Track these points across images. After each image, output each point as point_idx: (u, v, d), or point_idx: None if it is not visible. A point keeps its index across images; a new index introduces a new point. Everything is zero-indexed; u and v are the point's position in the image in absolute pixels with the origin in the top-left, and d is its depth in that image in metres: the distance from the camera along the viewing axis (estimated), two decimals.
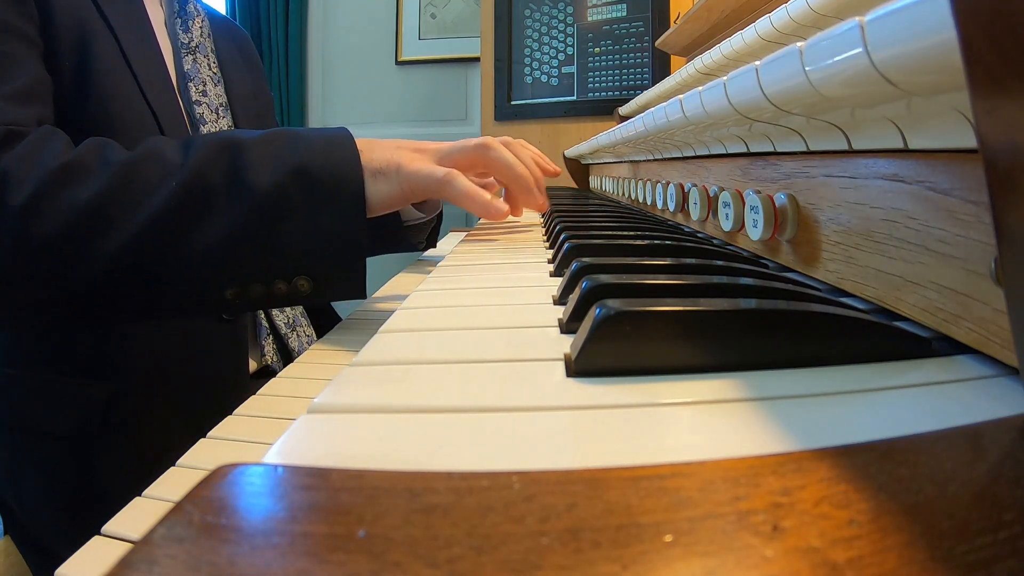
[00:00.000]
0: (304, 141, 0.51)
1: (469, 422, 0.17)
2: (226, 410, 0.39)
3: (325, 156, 0.50)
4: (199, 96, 0.76)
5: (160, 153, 0.50)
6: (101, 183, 0.48)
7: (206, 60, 0.79)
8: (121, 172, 0.48)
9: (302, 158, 0.49)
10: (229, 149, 0.49)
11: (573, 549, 0.11)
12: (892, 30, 0.19)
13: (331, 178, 0.49)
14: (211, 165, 0.49)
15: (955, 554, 0.10)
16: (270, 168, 0.49)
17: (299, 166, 0.49)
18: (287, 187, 0.48)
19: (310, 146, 0.51)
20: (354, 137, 0.53)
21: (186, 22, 0.77)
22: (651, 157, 0.76)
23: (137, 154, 0.50)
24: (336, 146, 0.51)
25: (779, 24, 0.55)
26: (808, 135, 0.34)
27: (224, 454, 0.34)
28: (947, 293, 0.22)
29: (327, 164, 0.50)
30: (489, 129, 1.86)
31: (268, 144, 0.50)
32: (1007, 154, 0.14)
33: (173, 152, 0.50)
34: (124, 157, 0.49)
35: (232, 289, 0.50)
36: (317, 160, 0.50)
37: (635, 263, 0.34)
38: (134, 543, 0.11)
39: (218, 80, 0.80)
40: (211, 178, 0.48)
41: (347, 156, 0.51)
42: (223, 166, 0.49)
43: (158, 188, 0.48)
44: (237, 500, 0.13)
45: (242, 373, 0.73)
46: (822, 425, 0.16)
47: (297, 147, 0.50)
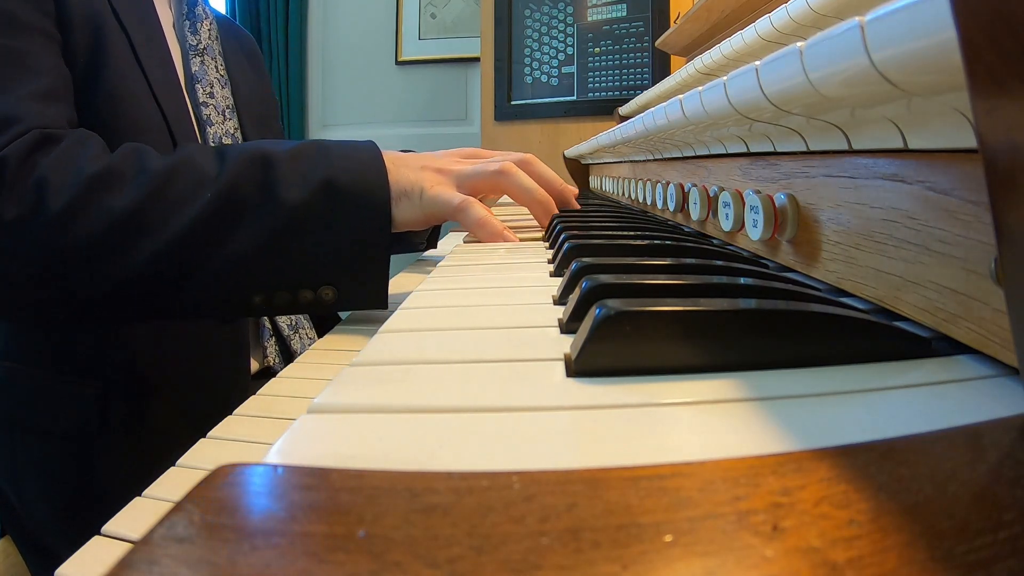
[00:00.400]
0: (333, 156, 0.53)
1: (469, 422, 0.17)
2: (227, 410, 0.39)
3: (353, 171, 0.52)
4: (206, 98, 0.76)
5: (195, 163, 0.51)
6: (137, 191, 0.49)
7: (214, 62, 0.79)
8: (157, 181, 0.50)
9: (331, 173, 0.51)
10: (262, 163, 0.51)
11: (573, 549, 0.11)
12: (892, 30, 0.19)
13: (358, 193, 0.51)
14: (244, 178, 0.50)
15: (955, 554, 0.10)
16: (300, 183, 0.51)
17: (327, 181, 0.51)
18: (316, 201, 0.50)
19: (339, 161, 0.52)
20: (381, 151, 0.55)
21: (195, 24, 0.78)
22: (651, 157, 0.76)
23: (173, 163, 0.51)
24: (364, 161, 0.53)
25: (779, 24, 0.55)
26: (808, 135, 0.34)
27: (224, 454, 0.34)
28: (947, 293, 0.22)
29: (355, 179, 0.52)
30: (489, 129, 1.86)
31: (298, 159, 0.52)
32: (1007, 154, 0.14)
33: (208, 163, 0.51)
34: (160, 165, 0.51)
35: (260, 296, 0.52)
36: (345, 175, 0.51)
37: (635, 263, 0.34)
38: (134, 543, 0.11)
39: (225, 82, 0.81)
40: (244, 191, 0.50)
41: (374, 172, 0.53)
42: (255, 180, 0.50)
43: (193, 198, 0.49)
44: (237, 500, 0.13)
45: (243, 373, 0.73)
46: (822, 425, 0.16)
47: (326, 162, 0.52)
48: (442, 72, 2.50)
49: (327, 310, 0.53)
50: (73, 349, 0.65)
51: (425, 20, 2.50)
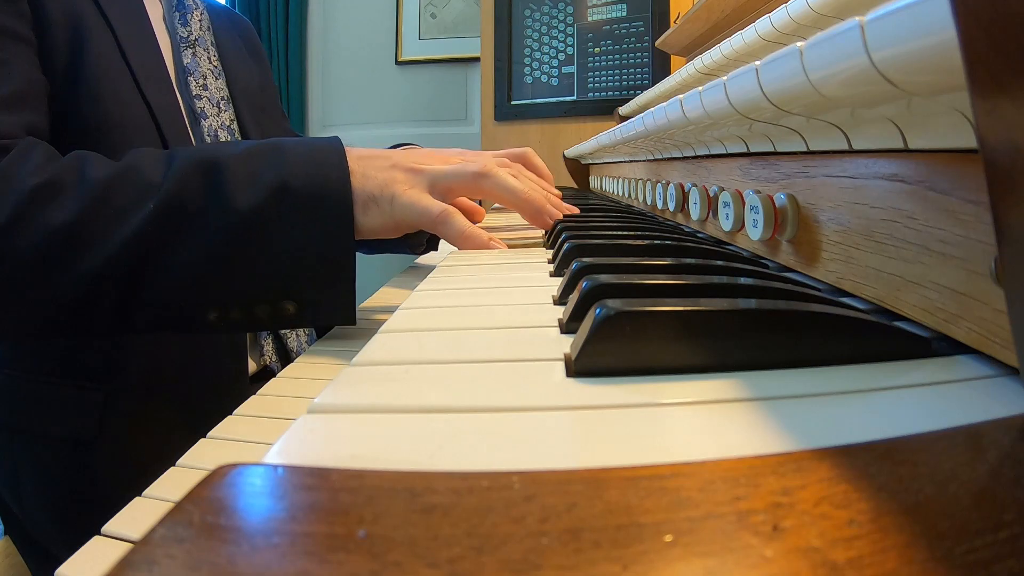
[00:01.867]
0: (288, 156, 0.48)
1: (469, 422, 0.17)
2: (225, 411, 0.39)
3: (310, 173, 0.48)
4: (199, 90, 0.75)
5: (140, 171, 0.48)
6: (77, 204, 0.46)
7: (206, 53, 0.78)
8: (98, 193, 0.47)
9: (284, 175, 0.47)
10: (209, 167, 0.47)
11: (573, 549, 0.11)
12: (892, 30, 0.19)
13: (316, 197, 0.47)
14: (188, 185, 0.47)
15: (955, 554, 0.10)
16: (249, 187, 0.47)
17: (279, 184, 0.46)
18: (268, 207, 0.46)
19: (294, 161, 0.48)
20: (347, 150, 0.50)
21: (184, 15, 0.76)
22: (651, 157, 0.76)
23: (116, 171, 0.48)
24: (322, 161, 0.48)
25: (779, 24, 0.55)
26: (808, 135, 0.34)
27: (224, 454, 0.34)
28: (947, 293, 0.22)
29: (312, 182, 0.47)
30: (489, 129, 1.86)
31: (249, 160, 0.48)
32: (1007, 154, 0.14)
33: (152, 170, 0.48)
34: (102, 175, 0.48)
35: (215, 312, 0.48)
36: (301, 177, 0.47)
37: (635, 263, 0.34)
38: (134, 543, 0.11)
39: (219, 73, 0.79)
40: (188, 199, 0.47)
41: (335, 173, 0.48)
42: (201, 187, 0.47)
43: (134, 210, 0.46)
44: (237, 500, 0.13)
45: (241, 374, 0.72)
46: (822, 425, 0.16)
47: (279, 162, 0.48)
48: (442, 72, 2.50)
49: (290, 326, 0.50)
50: (70, 353, 0.65)
51: (425, 20, 2.50)
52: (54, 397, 0.64)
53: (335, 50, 2.59)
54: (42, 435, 0.64)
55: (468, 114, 2.47)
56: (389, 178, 0.50)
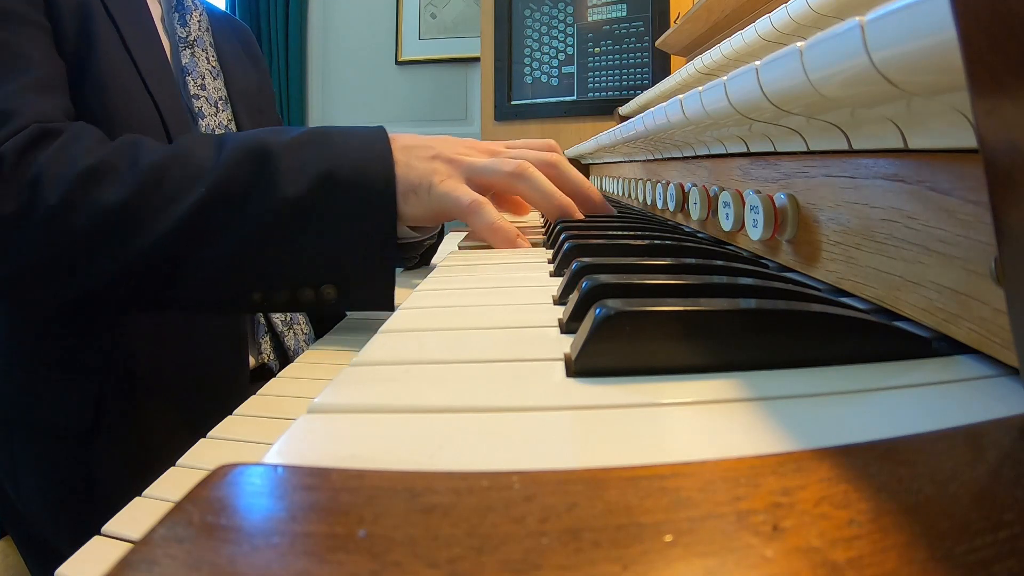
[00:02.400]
0: (336, 146, 0.50)
1: (469, 422, 0.17)
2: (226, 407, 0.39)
3: (356, 163, 0.49)
4: (197, 90, 0.76)
5: (191, 156, 0.50)
6: (130, 186, 0.48)
7: (204, 54, 0.78)
8: (150, 175, 0.49)
9: (332, 165, 0.49)
10: (259, 155, 0.49)
11: (573, 549, 0.11)
12: (892, 30, 0.19)
13: (362, 187, 0.49)
14: (239, 172, 0.49)
15: (955, 554, 0.10)
16: (297, 175, 0.49)
17: (326, 173, 0.48)
18: (315, 196, 0.48)
19: (341, 151, 0.50)
20: (391, 139, 0.52)
21: (183, 16, 0.77)
22: (651, 157, 0.76)
23: (168, 155, 0.50)
24: (369, 152, 0.50)
25: (779, 24, 0.55)
26: (808, 135, 0.34)
27: (224, 454, 0.34)
28: (947, 293, 0.22)
29: (358, 172, 0.49)
30: (489, 129, 1.86)
31: (298, 149, 0.50)
32: (1007, 154, 0.14)
33: (203, 156, 0.50)
34: (154, 158, 0.50)
35: (259, 293, 0.50)
36: (347, 167, 0.49)
37: (635, 263, 0.34)
38: (134, 543, 0.11)
39: (217, 74, 0.80)
40: (238, 185, 0.49)
41: (380, 163, 0.50)
42: (251, 173, 0.49)
43: (186, 193, 0.48)
44: (237, 500, 0.13)
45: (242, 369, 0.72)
46: (822, 425, 0.16)
47: (328, 153, 0.50)
48: (442, 72, 2.50)
49: (331, 309, 0.52)
50: (71, 347, 0.65)
51: (425, 20, 2.50)
52: (51, 389, 0.64)
53: (335, 50, 2.59)
54: (39, 427, 0.64)
55: (468, 114, 2.47)
56: (430, 168, 0.52)
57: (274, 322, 0.79)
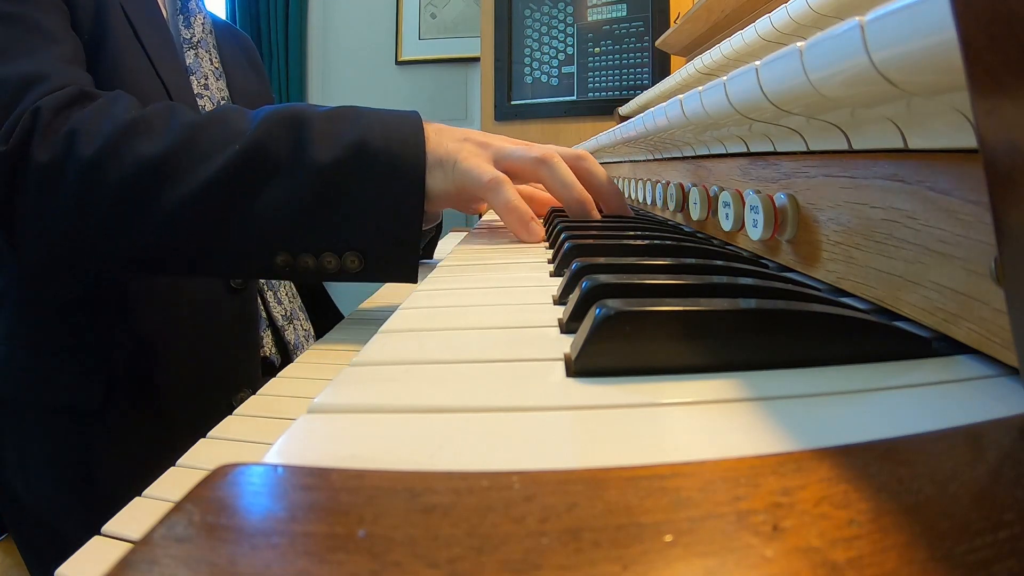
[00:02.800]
0: (370, 119, 0.52)
1: (469, 422, 0.17)
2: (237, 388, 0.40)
3: (388, 134, 0.51)
4: (201, 90, 0.77)
5: (227, 119, 0.52)
6: (167, 140, 0.50)
7: (208, 55, 0.80)
8: (187, 132, 0.50)
9: (365, 135, 0.50)
10: (294, 122, 0.51)
11: (573, 549, 0.11)
12: (892, 30, 0.19)
13: (392, 156, 0.50)
14: (274, 135, 0.50)
15: (955, 554, 0.10)
16: (331, 142, 0.50)
17: (360, 141, 0.50)
18: (347, 162, 0.49)
19: (375, 124, 0.51)
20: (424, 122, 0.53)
21: (188, 19, 0.79)
22: (651, 157, 0.76)
23: (204, 118, 0.52)
24: (400, 125, 0.52)
25: (779, 24, 0.55)
26: (808, 135, 0.34)
27: (224, 454, 0.34)
28: (947, 293, 0.22)
29: (389, 143, 0.50)
30: (489, 129, 1.86)
31: (332, 118, 0.51)
32: (1007, 154, 0.14)
33: (239, 120, 0.52)
34: (192, 119, 0.52)
35: (282, 256, 0.51)
36: (379, 138, 0.50)
37: (635, 263, 0.34)
38: (134, 543, 0.11)
39: (220, 75, 0.82)
40: (273, 148, 0.50)
41: (410, 136, 0.51)
42: (286, 138, 0.50)
43: (221, 151, 0.50)
44: (237, 500, 0.13)
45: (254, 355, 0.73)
46: (822, 425, 0.16)
47: (360, 123, 0.51)
48: (442, 72, 2.50)
49: (354, 278, 0.52)
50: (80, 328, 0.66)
51: (425, 20, 2.50)
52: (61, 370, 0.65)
53: (335, 50, 2.59)
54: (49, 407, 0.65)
55: (468, 114, 2.47)
56: (458, 147, 0.53)
57: (274, 316, 0.80)
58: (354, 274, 0.51)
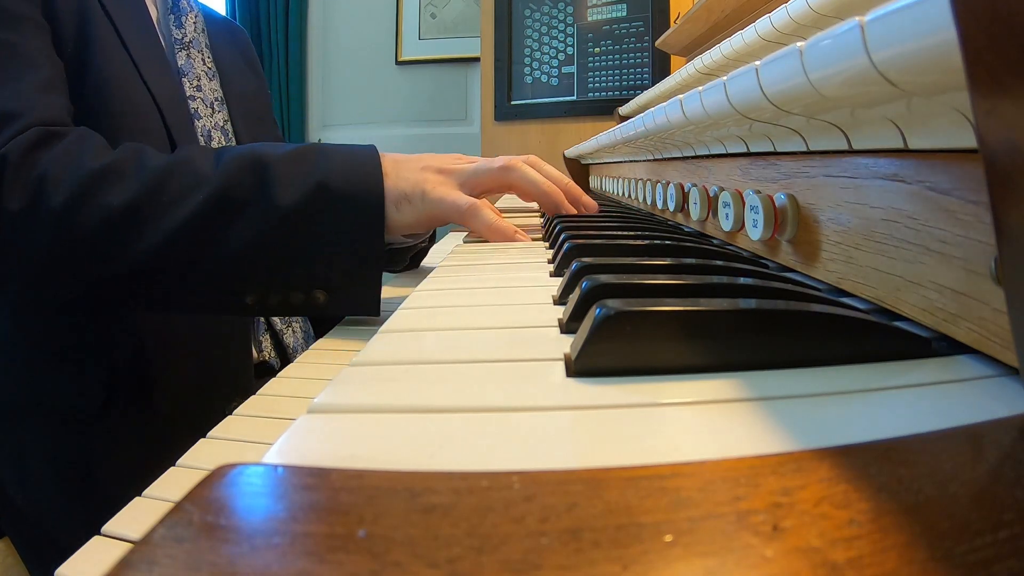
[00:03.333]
0: (330, 159, 0.53)
1: (469, 422, 0.17)
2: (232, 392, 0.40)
3: (348, 175, 0.52)
4: (193, 91, 0.76)
5: (193, 163, 0.52)
6: (135, 189, 0.50)
7: (200, 55, 0.79)
8: (154, 179, 0.51)
9: (325, 176, 0.51)
10: (257, 165, 0.52)
11: (573, 549, 0.11)
12: (892, 30, 0.19)
13: (352, 196, 0.51)
14: (239, 179, 0.51)
15: (955, 554, 0.10)
16: (293, 185, 0.51)
17: (321, 184, 0.51)
18: (309, 204, 0.51)
19: (333, 163, 0.52)
20: (380, 156, 0.55)
21: (180, 18, 0.78)
22: (651, 157, 0.76)
23: (171, 162, 0.52)
24: (360, 165, 0.53)
25: (779, 24, 0.55)
26: (808, 135, 0.34)
27: (224, 454, 0.34)
28: (947, 293, 0.22)
29: (349, 183, 0.52)
30: (489, 129, 1.86)
31: (293, 161, 0.53)
32: (1007, 154, 0.14)
33: (205, 163, 0.53)
34: (158, 164, 0.52)
35: (252, 296, 0.52)
36: (339, 178, 0.52)
37: (635, 263, 0.34)
38: (134, 543, 0.11)
39: (213, 75, 0.81)
40: (238, 192, 0.51)
41: (370, 176, 0.53)
42: (250, 181, 0.51)
43: (188, 198, 0.50)
44: (237, 500, 0.13)
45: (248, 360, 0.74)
46: (822, 425, 0.16)
47: (322, 165, 0.52)
48: (442, 72, 2.50)
49: (319, 313, 0.54)
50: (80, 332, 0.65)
51: (425, 20, 2.50)
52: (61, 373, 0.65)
53: (335, 50, 2.59)
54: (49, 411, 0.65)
55: (468, 114, 2.47)
56: (421, 178, 0.55)
57: (272, 320, 0.80)
58: (321, 308, 0.53)
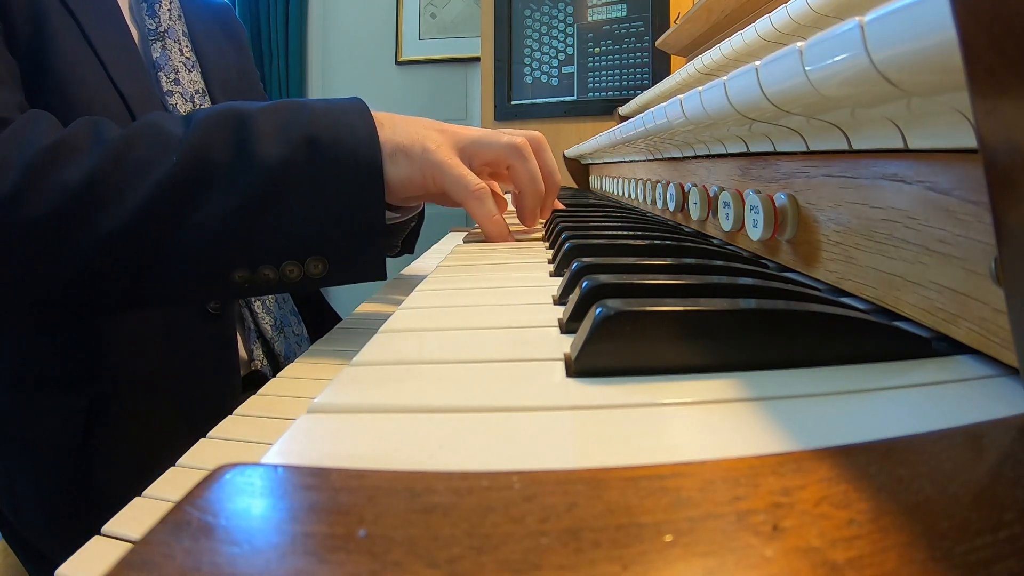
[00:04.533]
0: (314, 110, 0.48)
1: (469, 422, 0.17)
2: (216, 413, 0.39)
3: (336, 125, 0.47)
4: (171, 85, 0.71)
5: (158, 127, 0.46)
6: (93, 162, 0.44)
7: (177, 45, 0.73)
8: (115, 149, 0.45)
9: (313, 130, 0.46)
10: (234, 120, 0.46)
11: (573, 549, 0.11)
12: (892, 30, 0.19)
13: (343, 149, 0.46)
14: (214, 137, 0.45)
15: (955, 554, 0.10)
16: (277, 139, 0.46)
17: (308, 136, 0.46)
18: (296, 159, 0.45)
19: (320, 115, 0.47)
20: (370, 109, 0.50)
21: (152, 6, 0.72)
22: (651, 157, 0.76)
23: (133, 129, 0.46)
24: (348, 114, 0.48)
25: (779, 24, 0.55)
26: (808, 135, 0.34)
27: (224, 454, 0.34)
28: (947, 293, 0.22)
29: (341, 136, 0.47)
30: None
31: (275, 114, 0.47)
32: (1007, 154, 0.14)
33: (173, 125, 0.47)
34: (118, 134, 0.46)
35: (240, 272, 0.47)
36: (329, 132, 0.46)
37: (635, 263, 0.34)
38: (134, 543, 0.11)
39: (192, 65, 0.75)
40: (214, 151, 0.45)
41: (361, 126, 0.48)
42: (226, 138, 0.45)
43: (156, 164, 0.44)
44: (237, 500, 0.13)
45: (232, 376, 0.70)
46: (822, 425, 0.16)
47: (306, 117, 0.47)
48: (442, 72, 2.50)
49: (320, 284, 0.48)
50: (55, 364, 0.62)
51: (425, 20, 2.50)
52: (39, 405, 0.62)
53: (335, 50, 2.59)
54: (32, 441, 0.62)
55: (468, 114, 2.47)
56: (422, 134, 0.51)
57: (263, 327, 0.75)
58: (319, 280, 0.48)
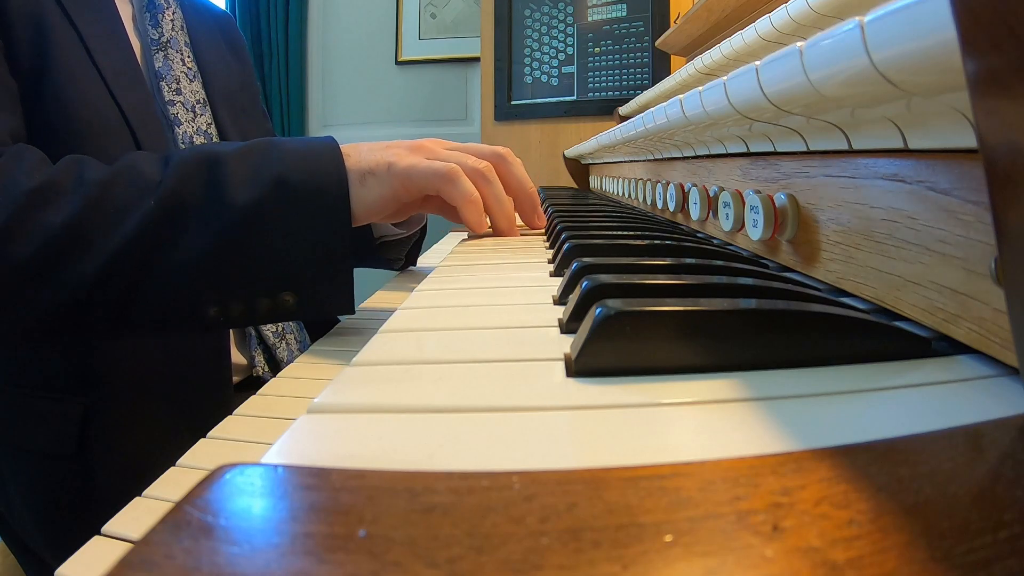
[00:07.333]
0: (283, 151, 0.50)
1: (469, 422, 0.17)
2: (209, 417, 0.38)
3: (305, 165, 0.49)
4: (173, 95, 0.72)
5: (137, 170, 0.48)
6: (76, 205, 0.47)
7: (179, 55, 0.74)
8: (96, 193, 0.47)
9: (280, 169, 0.48)
10: (207, 164, 0.48)
11: (573, 549, 0.11)
12: (892, 30, 0.19)
13: (311, 187, 0.48)
14: (188, 181, 0.48)
15: (955, 554, 0.10)
16: (248, 182, 0.48)
17: (277, 177, 0.48)
18: (267, 201, 0.47)
19: (290, 156, 0.49)
20: (339, 144, 0.52)
21: (156, 16, 0.73)
22: (651, 157, 0.76)
23: (113, 172, 0.48)
24: (317, 153, 0.50)
25: (779, 24, 0.55)
26: (808, 135, 0.34)
27: (224, 454, 0.34)
28: (947, 293, 0.22)
29: (307, 174, 0.48)
30: (489, 129, 1.86)
31: (247, 157, 0.49)
32: (1007, 154, 0.14)
33: (151, 168, 0.49)
34: (100, 176, 0.48)
35: (214, 308, 0.49)
36: (296, 170, 0.48)
37: (635, 263, 0.34)
38: (134, 543, 0.11)
39: (194, 75, 0.76)
40: (188, 195, 0.47)
41: (328, 162, 0.50)
42: (200, 182, 0.48)
43: (134, 208, 0.47)
44: (237, 500, 0.13)
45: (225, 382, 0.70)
46: (822, 425, 0.16)
47: (276, 158, 0.49)
48: (442, 72, 2.50)
49: (291, 318, 0.50)
50: (53, 369, 0.63)
51: (425, 20, 2.50)
52: (32, 411, 0.62)
53: (335, 50, 2.59)
54: (27, 447, 0.62)
55: (468, 114, 2.47)
56: (388, 154, 0.52)
57: (265, 334, 0.76)
58: (290, 313, 0.49)
